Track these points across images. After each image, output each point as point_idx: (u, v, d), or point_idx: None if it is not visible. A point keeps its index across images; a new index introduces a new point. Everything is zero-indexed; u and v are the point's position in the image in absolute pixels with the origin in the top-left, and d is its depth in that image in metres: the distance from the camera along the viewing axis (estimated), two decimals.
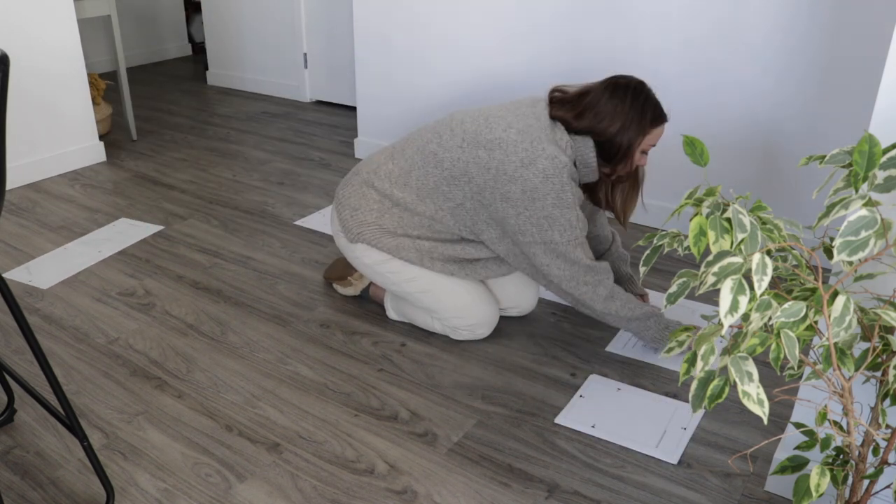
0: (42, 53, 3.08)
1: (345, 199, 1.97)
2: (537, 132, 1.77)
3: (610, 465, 1.61)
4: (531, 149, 1.74)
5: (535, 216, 1.75)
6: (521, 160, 1.74)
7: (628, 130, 1.77)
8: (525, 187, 1.74)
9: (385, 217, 1.90)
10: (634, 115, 1.77)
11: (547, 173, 1.73)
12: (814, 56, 2.28)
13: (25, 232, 2.70)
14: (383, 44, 3.25)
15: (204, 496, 1.52)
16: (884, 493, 1.39)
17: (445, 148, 1.83)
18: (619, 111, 1.77)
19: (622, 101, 1.77)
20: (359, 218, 1.92)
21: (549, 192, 1.73)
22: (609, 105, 1.77)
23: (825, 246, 1.09)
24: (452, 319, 1.97)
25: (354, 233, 1.93)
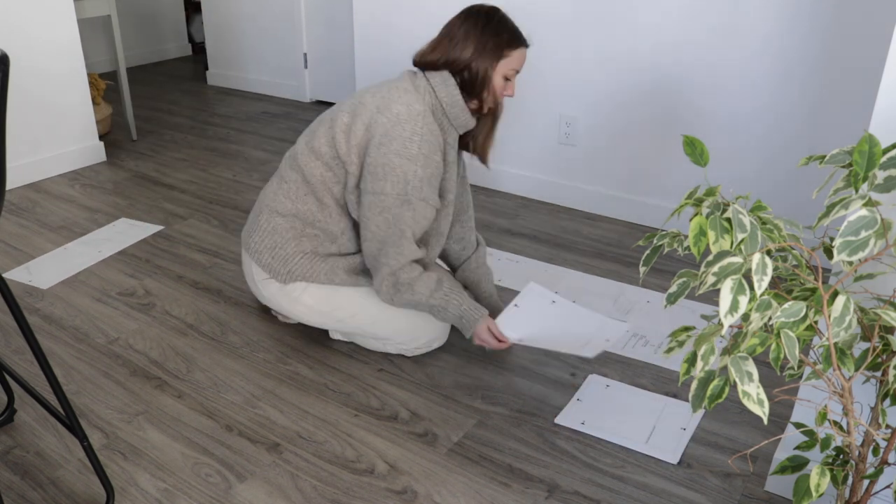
0: (42, 53, 3.08)
1: (258, 243, 1.87)
2: (395, 83, 1.77)
3: (610, 465, 1.61)
4: (386, 96, 1.74)
5: (375, 162, 1.70)
6: (377, 107, 1.74)
7: (483, 53, 1.73)
8: (376, 132, 1.71)
9: (303, 241, 1.84)
10: (489, 38, 1.73)
11: (400, 118, 1.70)
12: (814, 56, 2.28)
13: (25, 232, 2.70)
14: (384, 43, 3.25)
15: (204, 496, 1.52)
16: (884, 493, 1.39)
17: (318, 136, 1.82)
18: (471, 36, 1.73)
19: (474, 26, 1.74)
20: (280, 254, 1.84)
21: (395, 138, 1.69)
22: (461, 31, 1.75)
23: (825, 246, 1.09)
24: (406, 343, 1.92)
25: (284, 272, 1.84)
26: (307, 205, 1.83)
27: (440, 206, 1.81)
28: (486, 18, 1.75)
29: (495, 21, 1.75)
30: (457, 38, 1.75)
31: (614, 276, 2.40)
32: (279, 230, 1.85)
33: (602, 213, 2.88)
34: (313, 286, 1.86)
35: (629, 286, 2.33)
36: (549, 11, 2.73)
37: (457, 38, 1.75)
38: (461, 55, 1.74)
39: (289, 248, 1.84)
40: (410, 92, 1.75)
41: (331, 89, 4.39)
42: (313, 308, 1.88)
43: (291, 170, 1.86)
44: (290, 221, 1.84)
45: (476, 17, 1.75)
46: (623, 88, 2.67)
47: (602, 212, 2.87)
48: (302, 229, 1.84)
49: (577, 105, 2.80)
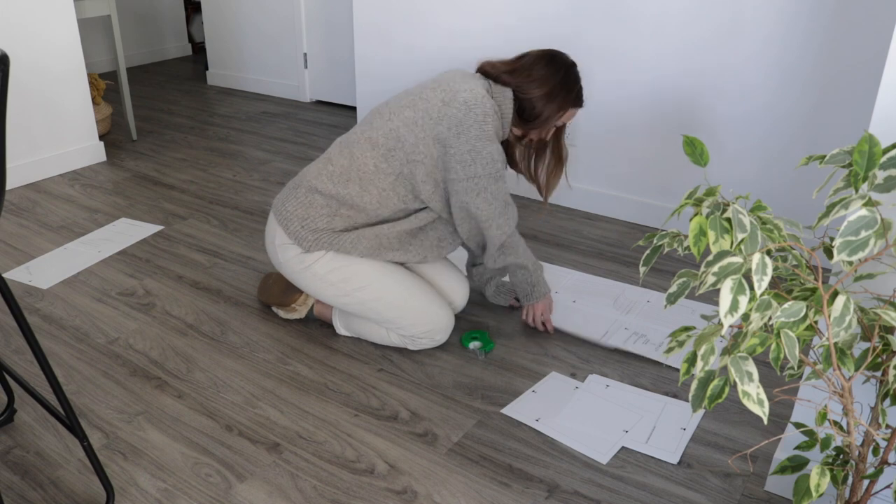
0: (42, 53, 3.08)
1: (290, 212, 1.90)
2: (454, 76, 1.87)
3: (610, 465, 1.61)
4: (449, 88, 1.83)
5: (459, 151, 1.80)
6: (442, 100, 1.82)
7: (553, 99, 1.88)
8: (450, 124, 1.79)
9: (336, 220, 1.88)
10: (562, 88, 1.89)
11: (469, 104, 1.79)
12: (814, 56, 2.28)
13: (25, 232, 2.70)
14: (384, 43, 3.25)
15: (204, 496, 1.52)
16: (884, 493, 1.39)
17: (376, 128, 1.87)
18: (550, 79, 1.88)
19: (556, 72, 1.88)
20: (310, 226, 1.88)
21: (471, 125, 1.79)
22: (542, 71, 1.88)
23: (825, 246, 1.09)
24: (409, 328, 1.93)
25: (310, 240, 1.87)
26: (348, 189, 1.87)
27: None
28: (567, 72, 1.90)
29: (573, 77, 1.91)
30: (534, 75, 1.87)
31: (614, 276, 2.40)
32: (315, 205, 1.89)
33: (602, 213, 2.88)
34: (330, 254, 1.89)
35: (629, 286, 2.33)
36: (550, 11, 2.73)
37: (534, 76, 1.87)
38: (532, 91, 1.87)
39: (320, 223, 1.88)
40: (471, 81, 1.85)
41: (330, 89, 4.39)
42: (324, 278, 1.90)
43: (341, 155, 1.90)
44: (328, 200, 1.88)
45: (558, 66, 1.89)
46: (623, 88, 2.67)
47: (602, 212, 2.87)
48: (337, 209, 1.89)
49: None
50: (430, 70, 3.13)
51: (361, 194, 1.87)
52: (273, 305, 2.14)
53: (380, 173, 1.86)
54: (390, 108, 1.88)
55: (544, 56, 1.90)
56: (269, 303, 2.14)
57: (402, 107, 1.86)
